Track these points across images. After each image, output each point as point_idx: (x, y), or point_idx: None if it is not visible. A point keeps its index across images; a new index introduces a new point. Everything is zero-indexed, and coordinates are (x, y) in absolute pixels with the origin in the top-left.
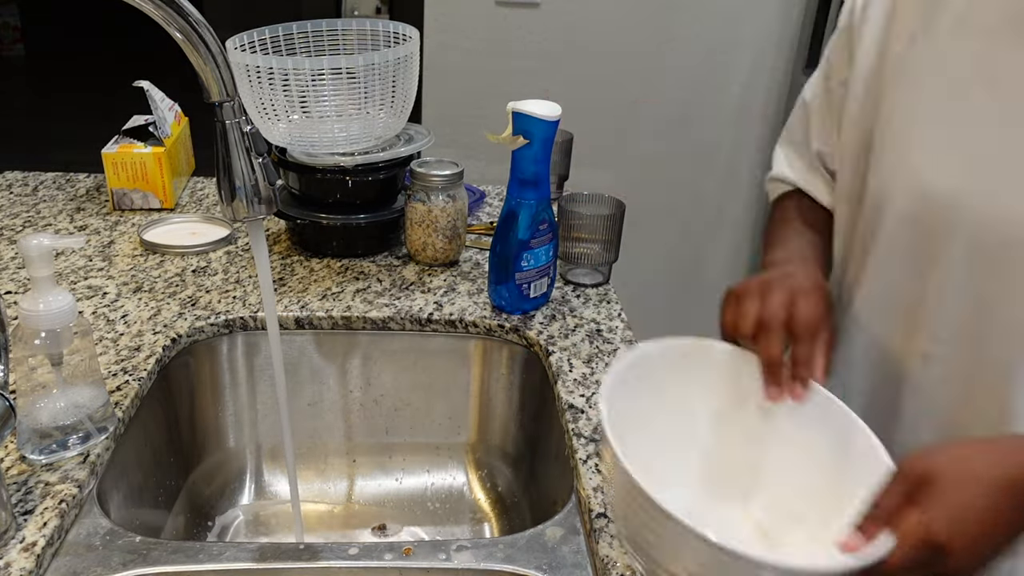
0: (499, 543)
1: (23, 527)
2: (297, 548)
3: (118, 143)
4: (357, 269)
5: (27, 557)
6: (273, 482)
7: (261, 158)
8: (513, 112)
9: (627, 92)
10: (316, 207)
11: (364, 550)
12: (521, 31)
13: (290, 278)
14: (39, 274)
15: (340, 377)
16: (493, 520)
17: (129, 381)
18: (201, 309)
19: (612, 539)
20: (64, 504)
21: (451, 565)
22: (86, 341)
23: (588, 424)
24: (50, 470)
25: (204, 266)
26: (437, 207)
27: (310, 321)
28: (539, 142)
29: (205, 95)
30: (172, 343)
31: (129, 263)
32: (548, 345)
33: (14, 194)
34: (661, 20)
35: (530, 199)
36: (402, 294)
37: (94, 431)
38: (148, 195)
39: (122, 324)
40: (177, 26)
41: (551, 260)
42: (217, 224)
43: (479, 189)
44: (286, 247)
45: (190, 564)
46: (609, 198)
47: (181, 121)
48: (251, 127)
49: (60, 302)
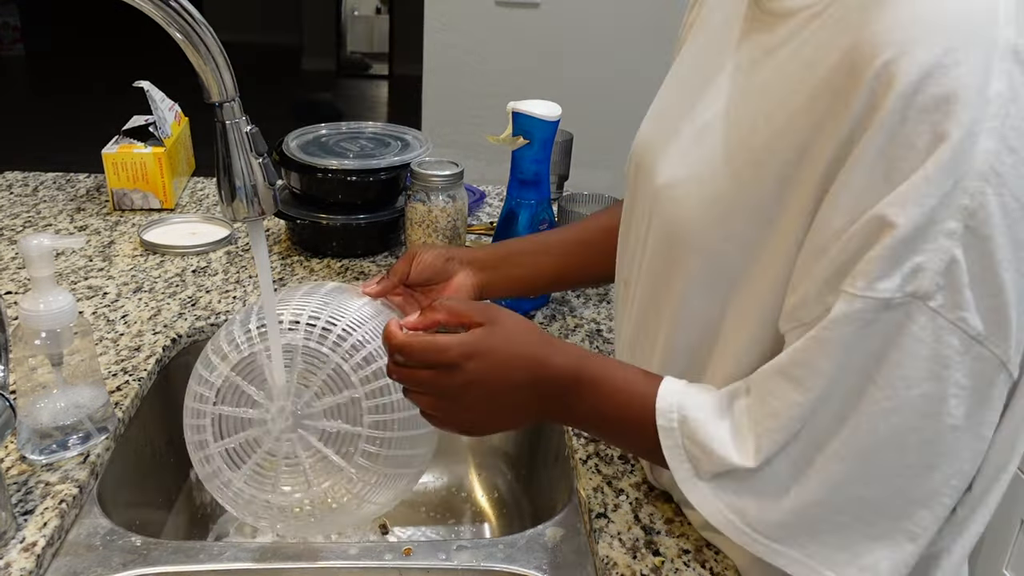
0: (499, 543)
1: (23, 527)
2: (297, 548)
3: (118, 143)
4: (357, 269)
5: (27, 557)
6: None
7: (261, 158)
8: (513, 112)
9: (627, 92)
10: (316, 207)
11: (364, 550)
12: (521, 31)
13: (290, 278)
14: (39, 274)
15: None
16: (493, 520)
17: (129, 381)
18: (201, 309)
19: (612, 539)
20: (64, 504)
21: (451, 565)
22: (86, 341)
23: None
24: (50, 470)
25: (204, 266)
26: (437, 207)
27: None
28: (539, 142)
29: (205, 95)
30: (172, 343)
31: (129, 263)
32: None
33: (14, 194)
34: (661, 20)
35: (530, 199)
36: None
37: (94, 431)
38: (148, 195)
39: (122, 324)
40: (177, 26)
41: None
42: (217, 224)
43: (479, 189)
44: (286, 247)
45: (190, 564)
46: (609, 198)
47: (181, 121)
48: (251, 127)
49: (60, 302)
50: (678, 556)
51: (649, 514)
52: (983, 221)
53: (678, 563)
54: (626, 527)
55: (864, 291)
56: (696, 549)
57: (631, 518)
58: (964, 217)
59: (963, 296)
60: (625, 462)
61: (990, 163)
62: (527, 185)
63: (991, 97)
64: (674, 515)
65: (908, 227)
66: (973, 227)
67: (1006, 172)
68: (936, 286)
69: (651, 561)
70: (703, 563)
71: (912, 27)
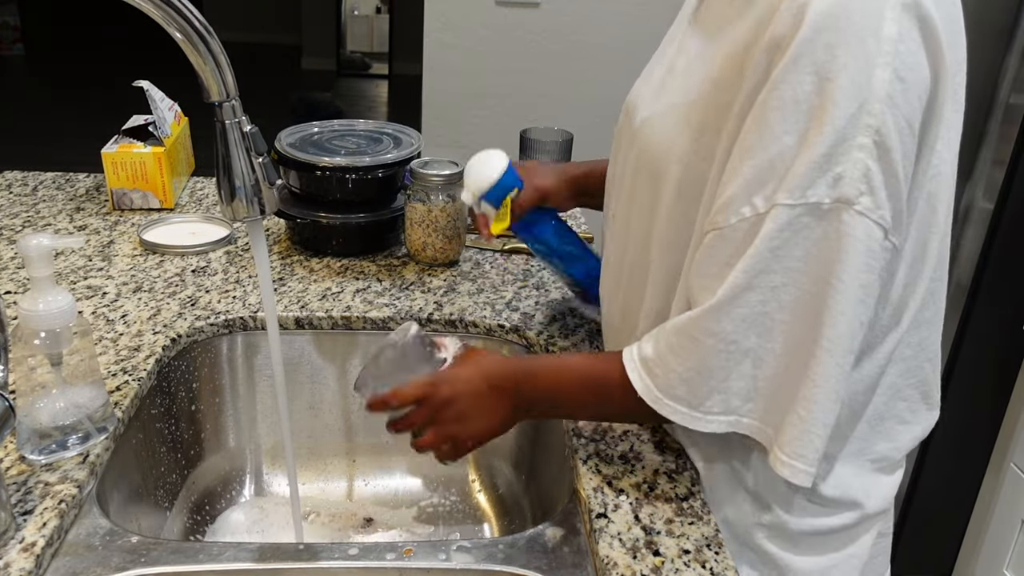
0: (499, 543)
1: (23, 527)
2: (297, 548)
3: (118, 143)
4: (357, 269)
5: (27, 557)
6: (273, 482)
7: (261, 158)
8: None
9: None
10: (316, 206)
11: (364, 550)
12: (521, 31)
13: (290, 278)
14: (39, 274)
15: (340, 377)
16: (493, 520)
17: (129, 381)
18: (201, 309)
19: (612, 539)
20: (64, 504)
21: (451, 565)
22: (86, 341)
23: (588, 424)
24: (50, 470)
25: (204, 266)
26: (437, 207)
27: (310, 321)
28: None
29: (205, 95)
30: (172, 343)
31: (129, 263)
32: (548, 345)
33: (14, 194)
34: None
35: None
36: (402, 294)
37: (94, 431)
38: (148, 195)
39: (122, 324)
40: (177, 26)
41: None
42: (217, 224)
43: None
44: (286, 247)
45: (190, 564)
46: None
47: (181, 121)
48: (251, 127)
49: (60, 302)
50: (678, 556)
51: (649, 514)
52: (886, 136)
53: (678, 563)
54: (626, 527)
55: (798, 200)
56: (696, 549)
57: (631, 518)
58: (871, 134)
59: (880, 197)
60: (625, 462)
61: (886, 90)
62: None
63: (883, 38)
64: (674, 515)
65: (826, 144)
66: (879, 141)
67: (898, 97)
68: (858, 191)
69: (651, 561)
70: (703, 563)
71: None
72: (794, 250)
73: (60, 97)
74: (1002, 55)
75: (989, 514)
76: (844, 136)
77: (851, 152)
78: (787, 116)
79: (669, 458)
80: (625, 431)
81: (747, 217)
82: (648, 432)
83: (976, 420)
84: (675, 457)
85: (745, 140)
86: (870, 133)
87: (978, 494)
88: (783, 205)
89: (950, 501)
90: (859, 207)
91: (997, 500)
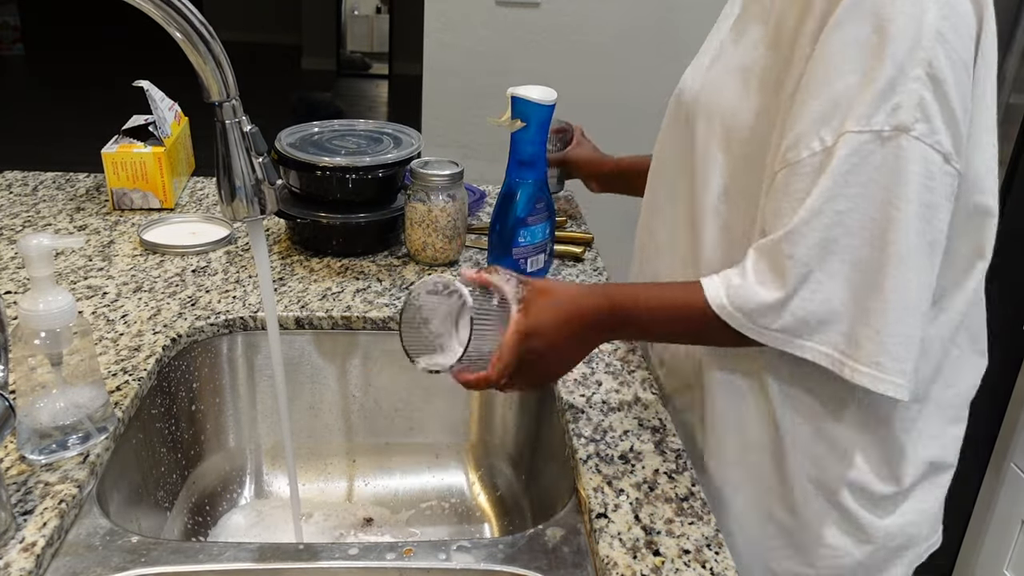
0: (499, 543)
1: (23, 527)
2: (297, 548)
3: (118, 143)
4: (357, 269)
5: (27, 557)
6: (273, 482)
7: (261, 158)
8: (512, 97)
9: (627, 92)
10: (316, 206)
11: (364, 550)
12: (521, 31)
13: (290, 278)
14: (39, 274)
15: (340, 377)
16: (493, 520)
17: (129, 381)
18: (201, 309)
19: (612, 539)
20: (64, 504)
21: (451, 565)
22: (86, 341)
23: (588, 424)
24: (50, 470)
25: (204, 266)
26: (437, 207)
27: (310, 321)
28: (536, 125)
29: (205, 95)
30: (172, 343)
31: (129, 263)
32: None
33: (14, 194)
34: (661, 19)
35: (528, 179)
36: (402, 294)
37: (94, 431)
38: (148, 195)
39: (122, 324)
40: (177, 26)
41: (547, 237)
42: (217, 224)
43: (479, 189)
44: (286, 247)
45: (190, 564)
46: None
47: (181, 121)
48: (251, 127)
49: (60, 302)
50: (678, 556)
51: (649, 514)
52: (938, 69)
53: (678, 563)
54: (626, 527)
55: (864, 127)
56: (696, 549)
57: (631, 518)
58: (924, 67)
59: (936, 124)
60: (625, 462)
61: (937, 27)
62: (525, 166)
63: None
64: (674, 515)
65: (885, 77)
66: (931, 74)
67: (948, 33)
68: (914, 118)
69: (651, 561)
70: (703, 563)
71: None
72: (859, 176)
73: (60, 97)
74: (1002, 55)
75: (989, 514)
76: (902, 70)
77: (907, 84)
78: (849, 56)
79: (669, 458)
80: (625, 431)
81: (816, 151)
82: (648, 432)
83: (976, 420)
84: (675, 457)
85: (810, 82)
86: (924, 66)
87: (978, 494)
88: (851, 132)
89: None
90: (915, 132)
91: (997, 500)
